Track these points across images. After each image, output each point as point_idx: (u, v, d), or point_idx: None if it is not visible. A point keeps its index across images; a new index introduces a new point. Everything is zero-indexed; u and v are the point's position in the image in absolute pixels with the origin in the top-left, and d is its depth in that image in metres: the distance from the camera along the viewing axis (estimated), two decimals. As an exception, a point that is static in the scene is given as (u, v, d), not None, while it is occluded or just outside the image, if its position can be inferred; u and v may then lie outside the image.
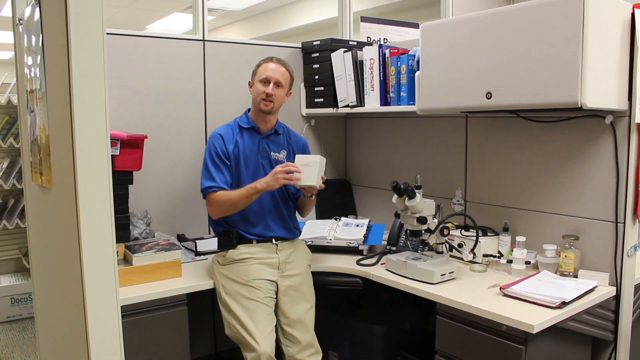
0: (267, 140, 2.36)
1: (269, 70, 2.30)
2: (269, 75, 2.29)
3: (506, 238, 2.37)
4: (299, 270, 2.32)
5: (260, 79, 2.30)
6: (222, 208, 2.24)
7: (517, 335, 1.76)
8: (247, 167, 2.31)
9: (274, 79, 2.29)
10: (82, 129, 1.48)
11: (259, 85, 2.30)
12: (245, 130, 2.35)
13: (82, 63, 1.46)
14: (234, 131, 2.34)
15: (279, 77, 2.30)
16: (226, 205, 2.23)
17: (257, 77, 2.33)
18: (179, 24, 8.35)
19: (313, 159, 2.21)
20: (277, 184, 2.18)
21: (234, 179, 2.30)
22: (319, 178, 2.19)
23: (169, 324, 2.14)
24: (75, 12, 1.44)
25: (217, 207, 2.25)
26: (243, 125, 2.35)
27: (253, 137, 2.35)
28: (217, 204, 2.24)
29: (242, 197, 2.21)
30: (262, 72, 2.31)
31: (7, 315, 3.97)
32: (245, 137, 2.34)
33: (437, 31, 2.26)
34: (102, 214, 1.52)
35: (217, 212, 2.27)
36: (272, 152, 2.36)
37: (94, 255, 1.51)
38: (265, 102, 2.29)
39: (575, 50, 1.80)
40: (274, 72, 2.30)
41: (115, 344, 1.56)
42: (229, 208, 2.24)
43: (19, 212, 3.95)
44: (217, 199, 2.24)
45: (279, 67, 2.32)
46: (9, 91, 3.96)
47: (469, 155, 2.62)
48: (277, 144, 2.39)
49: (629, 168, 2.02)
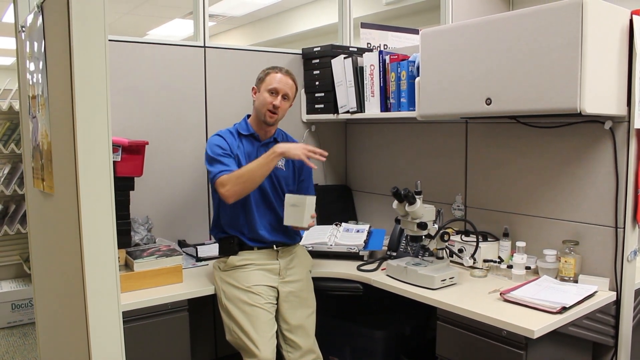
0: (266, 148, 2.30)
1: (278, 81, 2.27)
2: (278, 87, 2.26)
3: (506, 243, 2.37)
4: (300, 276, 2.33)
5: (268, 88, 2.26)
6: (238, 183, 2.13)
7: (517, 341, 1.76)
8: None
9: (282, 91, 2.27)
10: (84, 135, 1.49)
11: (266, 94, 2.26)
12: (245, 138, 2.33)
13: (84, 69, 1.48)
14: (234, 137, 2.32)
15: (287, 90, 2.28)
16: (244, 177, 2.14)
17: (264, 85, 2.28)
18: (180, 30, 8.39)
19: (301, 200, 2.19)
20: (299, 153, 2.15)
21: None
22: (308, 218, 2.19)
23: (170, 330, 2.15)
24: (78, 19, 1.46)
25: (234, 184, 2.13)
26: (242, 133, 2.33)
27: (252, 144, 2.33)
28: (233, 181, 2.13)
29: (259, 165, 2.15)
30: (271, 82, 2.27)
31: (7, 320, 3.96)
32: (245, 144, 2.32)
33: (437, 37, 2.27)
34: (103, 220, 1.53)
35: (232, 191, 2.13)
36: None
37: (96, 260, 1.52)
38: (270, 114, 2.27)
39: (574, 56, 1.81)
40: (284, 84, 2.27)
41: (117, 350, 1.57)
42: (246, 181, 2.14)
43: (20, 218, 3.96)
44: (232, 176, 2.14)
45: (288, 79, 2.29)
46: (10, 97, 3.98)
47: (469, 160, 2.62)
48: None
49: (628, 173, 2.02)
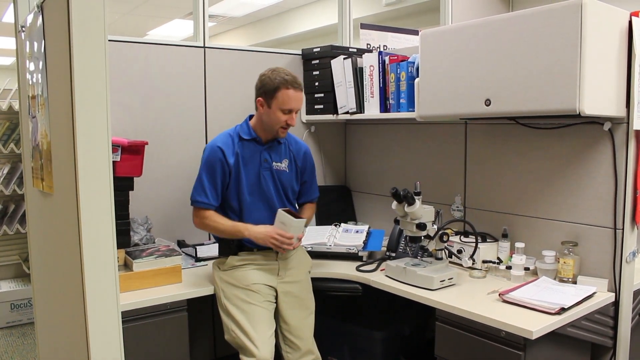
0: (268, 150, 2.30)
1: (292, 100, 2.20)
2: (293, 107, 2.21)
3: (505, 244, 2.38)
4: (299, 277, 2.33)
5: (282, 108, 2.19)
6: (205, 227, 2.28)
7: (516, 341, 1.76)
8: (248, 178, 2.27)
9: (297, 109, 2.23)
10: (84, 135, 1.49)
11: (279, 114, 2.19)
12: (246, 141, 2.29)
13: (83, 69, 1.48)
14: (234, 142, 2.28)
15: (300, 104, 2.25)
16: (211, 229, 2.28)
17: (276, 103, 2.19)
18: (180, 30, 8.39)
19: (289, 222, 2.18)
20: (265, 244, 2.19)
21: (233, 187, 2.26)
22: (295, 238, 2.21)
23: (169, 330, 2.15)
24: (78, 19, 1.46)
25: (201, 224, 2.28)
26: (244, 137, 2.29)
27: (254, 147, 2.29)
28: (203, 223, 2.27)
29: (228, 232, 2.24)
30: (286, 102, 2.18)
31: (6, 320, 3.96)
32: (246, 148, 2.28)
33: (436, 38, 2.27)
34: (103, 220, 1.53)
35: (199, 227, 2.30)
36: (274, 162, 2.31)
37: (95, 260, 1.52)
38: (283, 130, 2.26)
39: (573, 57, 1.82)
40: (298, 102, 2.22)
41: (116, 350, 1.57)
42: (212, 231, 2.32)
43: (19, 218, 3.96)
44: (205, 218, 2.25)
45: (300, 94, 2.22)
46: (10, 97, 3.98)
47: (468, 161, 2.63)
48: (278, 154, 2.33)
49: (627, 174, 2.03)
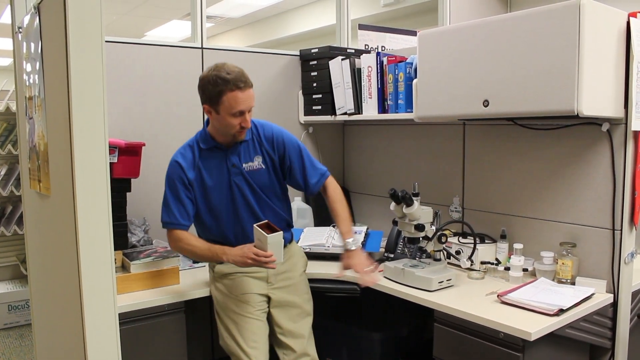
0: (234, 154, 2.10)
1: (240, 102, 1.96)
2: (244, 108, 1.98)
3: (504, 245, 2.38)
4: (291, 281, 2.24)
5: (232, 112, 1.97)
6: (181, 250, 2.14)
7: (514, 343, 1.76)
8: (219, 192, 2.10)
9: (248, 108, 2.00)
10: (81, 137, 1.48)
11: (230, 119, 1.98)
12: (207, 151, 2.10)
13: (81, 70, 1.47)
14: (195, 154, 2.09)
15: (251, 102, 2.01)
16: (187, 252, 2.13)
17: (224, 109, 1.97)
18: (178, 31, 8.39)
19: (264, 238, 1.93)
20: (244, 265, 2.02)
21: (203, 206, 2.12)
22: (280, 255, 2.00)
23: (166, 331, 2.14)
24: (75, 20, 1.45)
25: (175, 247, 2.13)
26: (203, 146, 2.10)
27: (218, 154, 2.10)
28: (177, 246, 2.12)
29: (207, 257, 2.12)
30: (233, 105, 1.96)
31: (4, 322, 3.95)
32: (209, 158, 2.10)
33: (434, 39, 2.27)
34: (100, 222, 1.52)
35: (175, 249, 2.17)
36: (244, 163, 2.11)
37: (92, 262, 1.51)
38: (240, 132, 2.05)
39: (571, 58, 1.82)
40: (247, 101, 1.99)
41: (113, 351, 1.56)
42: (189, 255, 2.19)
43: (17, 219, 3.95)
44: (178, 240, 2.09)
45: (248, 92, 1.98)
46: (7, 98, 3.97)
47: (466, 162, 2.63)
48: (247, 153, 2.12)
49: (625, 175, 2.03)
